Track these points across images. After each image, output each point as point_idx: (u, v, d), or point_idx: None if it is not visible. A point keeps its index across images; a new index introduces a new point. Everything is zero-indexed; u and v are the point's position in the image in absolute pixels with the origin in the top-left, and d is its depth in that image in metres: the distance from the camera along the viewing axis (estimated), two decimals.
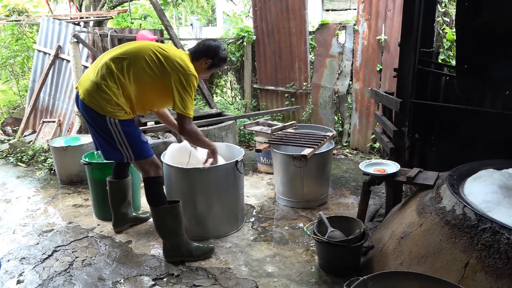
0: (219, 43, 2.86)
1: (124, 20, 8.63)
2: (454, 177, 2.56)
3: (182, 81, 2.59)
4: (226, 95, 7.60)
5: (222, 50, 2.84)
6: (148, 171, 2.72)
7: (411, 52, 3.19)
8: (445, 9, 4.97)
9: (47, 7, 7.93)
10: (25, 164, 5.12)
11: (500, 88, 3.17)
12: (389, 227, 2.69)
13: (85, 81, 2.60)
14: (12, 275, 2.72)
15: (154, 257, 2.91)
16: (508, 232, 1.92)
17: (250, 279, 2.62)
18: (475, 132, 3.09)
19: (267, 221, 3.49)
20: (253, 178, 4.57)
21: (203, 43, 2.85)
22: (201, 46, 2.82)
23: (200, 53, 2.80)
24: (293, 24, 5.97)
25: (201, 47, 2.81)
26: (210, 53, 2.80)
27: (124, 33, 5.71)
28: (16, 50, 6.99)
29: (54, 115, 5.85)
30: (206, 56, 2.80)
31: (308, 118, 6.02)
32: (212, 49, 2.80)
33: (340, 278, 2.57)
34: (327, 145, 3.87)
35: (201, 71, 2.84)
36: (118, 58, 2.59)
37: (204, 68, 2.84)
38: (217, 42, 2.88)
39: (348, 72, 5.60)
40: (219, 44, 2.85)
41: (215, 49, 2.81)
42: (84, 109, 2.59)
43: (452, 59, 4.78)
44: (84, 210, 3.76)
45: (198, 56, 2.80)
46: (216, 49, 2.81)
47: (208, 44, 2.82)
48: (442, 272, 2.04)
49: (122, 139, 2.59)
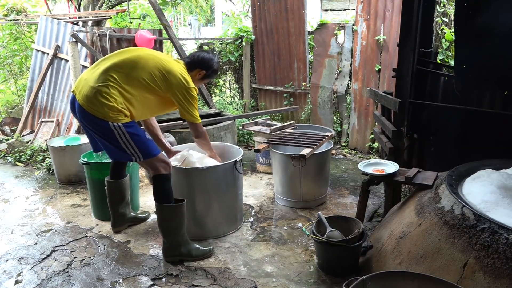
0: (212, 55, 3.00)
1: (122, 19, 8.62)
2: (452, 177, 2.56)
3: (185, 96, 2.75)
4: (225, 95, 7.60)
5: (215, 62, 2.99)
6: (158, 168, 2.73)
7: (410, 52, 3.20)
8: (443, 9, 4.98)
9: (46, 6, 7.93)
10: (24, 164, 5.11)
11: (498, 88, 3.17)
12: (388, 227, 2.69)
13: (84, 86, 2.59)
14: (10, 275, 2.71)
15: (152, 257, 2.91)
16: (506, 232, 1.93)
17: (249, 279, 2.62)
18: (474, 132, 3.10)
19: (266, 221, 3.49)
20: (252, 178, 4.57)
21: (197, 54, 2.97)
22: (196, 57, 2.94)
23: (194, 64, 2.93)
24: (292, 24, 5.98)
25: (195, 59, 2.93)
26: (204, 65, 2.94)
27: (123, 33, 5.70)
28: (14, 50, 6.98)
29: (53, 114, 5.84)
30: (200, 67, 2.93)
31: (307, 118, 6.02)
32: (206, 61, 2.94)
33: (339, 278, 2.57)
34: (326, 145, 3.87)
35: (195, 81, 2.95)
36: (121, 66, 2.61)
37: (197, 78, 2.97)
38: (210, 54, 3.01)
39: (347, 72, 5.60)
40: (213, 56, 2.99)
41: (208, 61, 2.94)
42: (83, 114, 2.58)
43: (451, 59, 4.79)
44: (83, 210, 3.75)
45: (192, 67, 2.92)
46: (210, 61, 2.95)
47: (203, 56, 2.95)
48: (441, 272, 2.04)
49: (127, 141, 2.59)
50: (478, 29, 2.93)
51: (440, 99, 3.57)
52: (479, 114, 3.13)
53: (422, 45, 3.69)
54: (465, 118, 3.18)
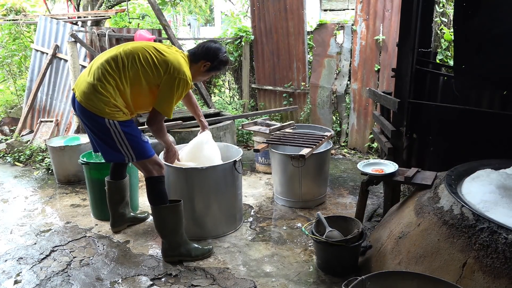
0: (219, 46, 2.82)
1: (122, 19, 8.62)
2: (452, 177, 2.57)
3: (170, 82, 2.58)
4: (224, 95, 7.60)
5: (223, 52, 2.80)
6: (151, 170, 2.71)
7: (409, 52, 3.20)
8: (443, 9, 4.98)
9: (45, 6, 7.92)
10: (23, 164, 5.11)
11: (497, 88, 3.18)
12: (387, 227, 2.69)
13: (82, 83, 2.59)
14: (9, 275, 2.71)
15: (152, 257, 2.91)
16: (505, 232, 1.93)
17: (248, 279, 2.62)
18: (473, 132, 3.10)
19: (265, 221, 3.49)
20: (251, 178, 4.57)
21: (203, 45, 2.81)
22: (201, 48, 2.79)
23: (199, 56, 2.77)
24: (291, 24, 5.97)
25: (200, 49, 2.78)
26: (209, 56, 2.76)
27: (122, 33, 5.70)
28: (13, 50, 6.97)
29: (52, 114, 5.84)
30: (204, 58, 2.77)
31: (306, 118, 6.03)
32: (211, 51, 2.76)
33: (338, 278, 2.57)
34: (325, 145, 3.87)
35: (200, 73, 2.82)
36: (114, 59, 2.57)
37: (203, 70, 2.81)
38: (218, 44, 2.83)
39: (346, 72, 5.61)
40: (220, 47, 2.81)
41: (214, 52, 2.77)
42: (82, 111, 2.57)
43: (450, 59, 4.80)
44: (82, 210, 3.75)
45: (196, 58, 2.78)
46: (216, 51, 2.77)
47: (208, 46, 2.78)
48: (440, 272, 2.04)
49: (122, 140, 2.58)
50: (477, 29, 2.94)
51: (439, 99, 3.57)
52: (478, 114, 3.13)
53: (421, 45, 3.69)
54: (464, 118, 3.18)
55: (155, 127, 2.73)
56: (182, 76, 2.60)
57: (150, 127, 2.75)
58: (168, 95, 2.60)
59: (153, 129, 2.75)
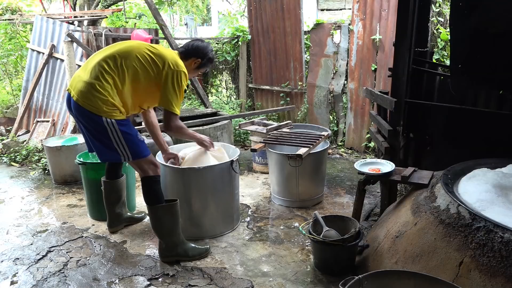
0: (207, 44, 2.94)
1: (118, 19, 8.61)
2: (448, 176, 2.57)
3: (172, 77, 2.64)
4: (221, 94, 7.59)
5: (210, 50, 2.93)
6: (147, 170, 2.71)
7: (406, 51, 3.21)
8: (439, 9, 4.99)
9: (41, 6, 7.89)
10: (19, 164, 5.08)
11: (493, 87, 3.19)
12: (384, 226, 2.70)
13: (78, 82, 2.57)
14: (5, 276, 2.70)
15: (149, 257, 2.90)
16: (501, 231, 1.94)
17: (246, 278, 2.62)
18: (469, 131, 3.11)
19: (262, 220, 3.49)
20: (248, 178, 4.57)
21: (192, 43, 2.91)
22: (190, 46, 2.88)
23: (190, 53, 2.87)
24: (288, 23, 5.98)
25: (190, 47, 2.87)
26: (200, 53, 2.87)
27: (118, 33, 5.68)
28: (9, 49, 6.94)
29: (48, 114, 5.81)
30: (195, 56, 2.87)
31: (303, 118, 6.03)
32: (201, 49, 2.87)
33: (335, 277, 2.57)
34: (322, 145, 3.87)
35: (190, 70, 2.89)
36: (111, 57, 2.57)
37: (193, 67, 2.91)
38: (205, 42, 2.95)
39: (343, 72, 5.61)
40: (207, 45, 2.93)
41: (204, 49, 2.88)
42: (78, 110, 2.56)
43: (446, 58, 4.81)
44: (79, 210, 3.74)
45: (187, 55, 2.86)
46: (205, 49, 2.89)
47: (197, 44, 2.90)
48: (437, 271, 2.05)
49: (119, 139, 2.57)
50: (473, 29, 2.94)
51: (436, 99, 3.58)
52: (474, 114, 3.14)
53: (418, 44, 3.69)
54: (461, 117, 3.19)
55: (174, 129, 2.78)
56: (181, 69, 2.69)
57: (170, 132, 2.83)
58: (173, 92, 2.65)
59: (173, 131, 2.81)
